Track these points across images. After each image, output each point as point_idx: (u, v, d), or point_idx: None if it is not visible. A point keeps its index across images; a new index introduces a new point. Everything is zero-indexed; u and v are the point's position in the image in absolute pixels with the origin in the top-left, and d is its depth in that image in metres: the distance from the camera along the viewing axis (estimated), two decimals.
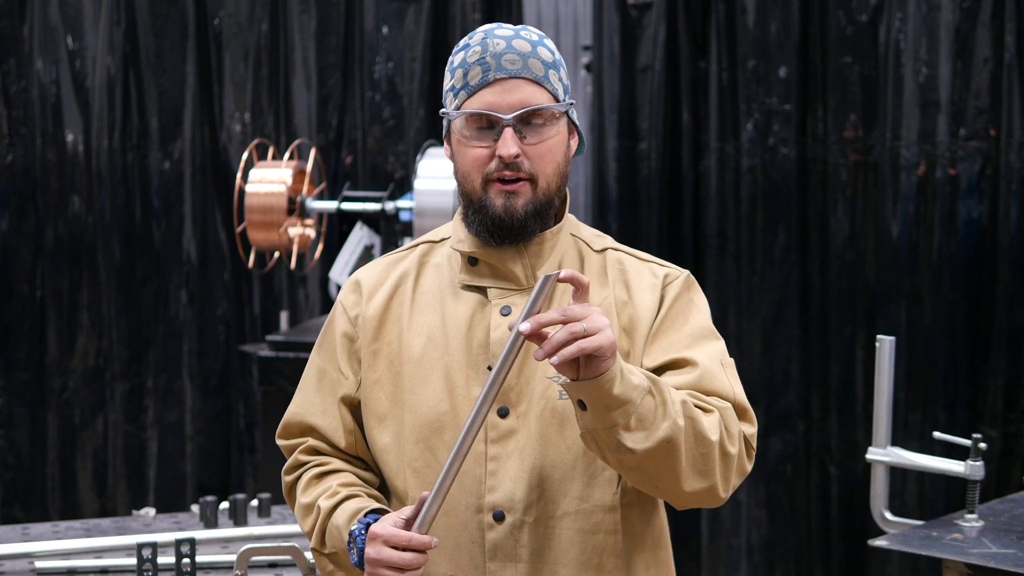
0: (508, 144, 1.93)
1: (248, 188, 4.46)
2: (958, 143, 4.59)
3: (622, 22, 4.95)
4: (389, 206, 4.45)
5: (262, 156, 4.68)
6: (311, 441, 2.10)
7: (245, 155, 4.52)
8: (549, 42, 2.01)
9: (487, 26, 2.01)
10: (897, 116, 4.64)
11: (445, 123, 2.02)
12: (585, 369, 1.78)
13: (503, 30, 1.99)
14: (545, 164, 1.96)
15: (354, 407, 2.07)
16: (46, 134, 5.29)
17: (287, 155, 4.55)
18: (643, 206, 5.02)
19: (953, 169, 4.60)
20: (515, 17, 5.07)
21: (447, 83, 2.00)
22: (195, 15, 5.29)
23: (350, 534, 1.95)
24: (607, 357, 1.76)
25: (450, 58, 2.02)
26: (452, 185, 4.21)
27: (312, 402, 2.10)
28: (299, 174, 4.53)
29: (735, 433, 1.92)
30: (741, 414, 1.96)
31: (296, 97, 5.31)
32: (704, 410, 1.90)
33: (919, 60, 4.61)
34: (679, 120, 4.97)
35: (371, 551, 1.89)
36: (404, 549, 1.87)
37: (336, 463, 2.09)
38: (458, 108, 1.97)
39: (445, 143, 2.04)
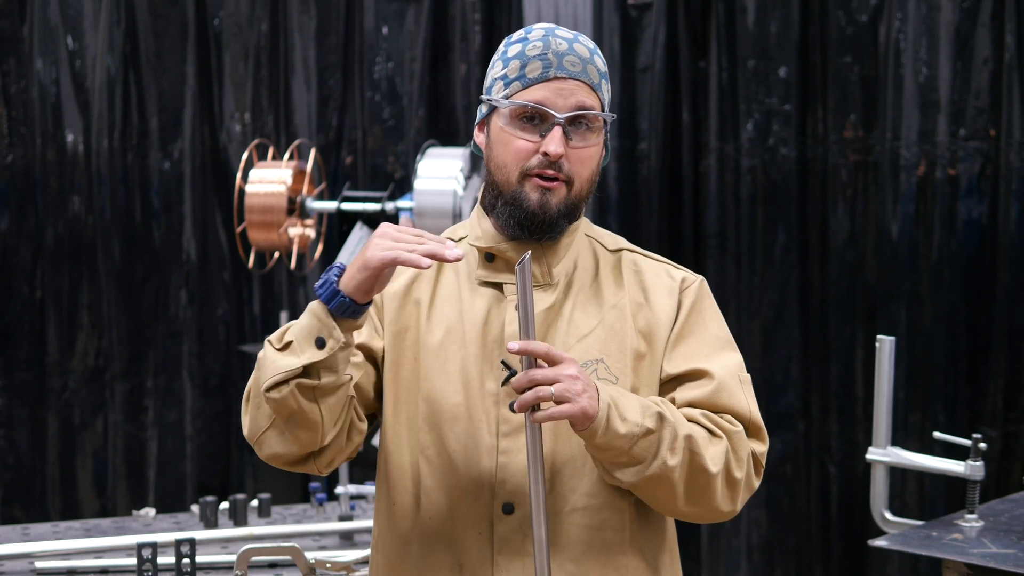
0: (556, 142, 1.94)
1: (248, 188, 4.46)
2: (958, 143, 4.59)
3: (622, 22, 4.95)
4: (389, 206, 4.45)
5: (262, 156, 4.68)
6: None
7: (245, 155, 4.52)
8: (601, 54, 2.04)
9: (546, 24, 2.03)
10: (897, 116, 4.64)
11: (483, 110, 2.03)
12: (574, 423, 1.85)
13: (563, 32, 2.01)
14: (583, 168, 1.98)
15: (370, 355, 2.03)
16: (46, 134, 5.29)
17: (287, 155, 4.55)
18: (643, 206, 5.02)
19: (953, 169, 4.60)
20: (515, 17, 5.07)
21: (497, 71, 2.01)
22: (195, 15, 5.29)
23: (325, 271, 1.90)
24: (581, 420, 1.83)
25: (501, 48, 2.03)
26: (452, 185, 4.21)
27: None
28: (299, 174, 4.53)
29: (743, 457, 1.95)
30: (754, 432, 1.99)
31: (296, 97, 5.31)
32: (712, 434, 1.94)
33: (919, 60, 4.61)
34: (679, 120, 4.97)
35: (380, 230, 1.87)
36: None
37: None
38: (508, 98, 1.98)
39: (477, 130, 2.05)
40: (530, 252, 1.87)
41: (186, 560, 2.83)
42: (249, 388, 1.97)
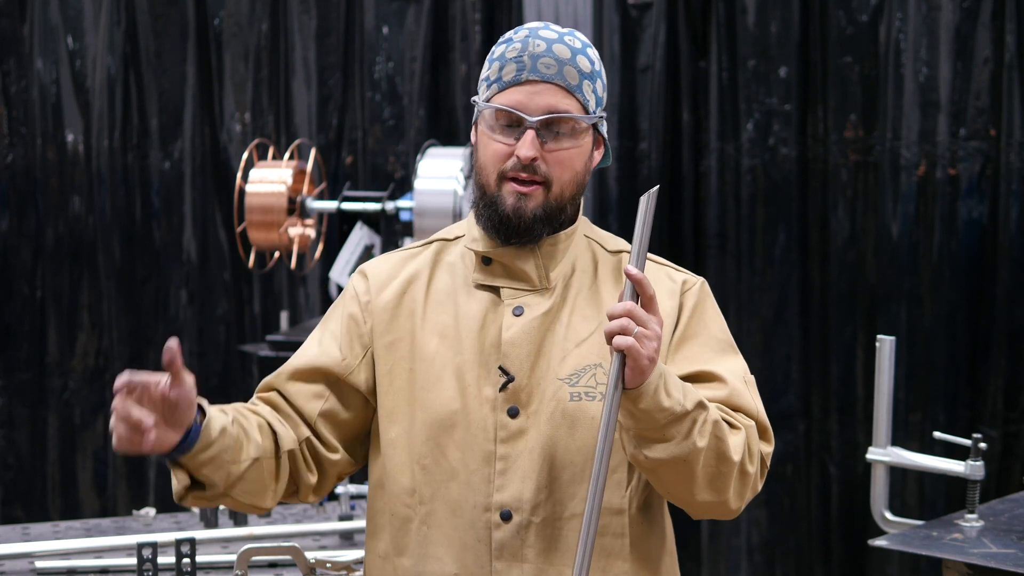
0: (527, 146, 1.93)
1: (248, 188, 4.46)
2: (958, 143, 4.59)
3: (622, 22, 4.95)
4: (389, 206, 4.45)
5: (262, 156, 4.68)
6: (272, 395, 2.05)
7: (245, 155, 4.52)
8: (593, 52, 2.01)
9: (535, 24, 2.02)
10: (897, 116, 4.64)
11: (476, 111, 2.03)
12: (627, 373, 1.80)
13: (548, 31, 1.99)
14: (562, 171, 1.97)
15: (333, 380, 2.03)
16: (46, 134, 5.29)
17: (287, 155, 4.55)
18: None
19: (953, 169, 4.60)
20: (515, 17, 5.07)
21: (484, 72, 2.01)
22: (195, 15, 5.29)
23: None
24: (641, 371, 1.79)
25: (493, 47, 2.03)
26: (452, 185, 4.21)
27: (290, 366, 2.06)
28: (299, 174, 4.53)
29: (756, 452, 1.94)
30: (762, 432, 1.97)
31: (296, 97, 5.31)
32: (732, 427, 1.92)
33: (919, 60, 4.61)
34: (679, 120, 4.97)
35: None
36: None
37: (262, 407, 2.02)
38: (487, 100, 1.98)
39: (472, 130, 2.05)
40: (658, 186, 1.88)
41: (186, 560, 2.83)
42: None
